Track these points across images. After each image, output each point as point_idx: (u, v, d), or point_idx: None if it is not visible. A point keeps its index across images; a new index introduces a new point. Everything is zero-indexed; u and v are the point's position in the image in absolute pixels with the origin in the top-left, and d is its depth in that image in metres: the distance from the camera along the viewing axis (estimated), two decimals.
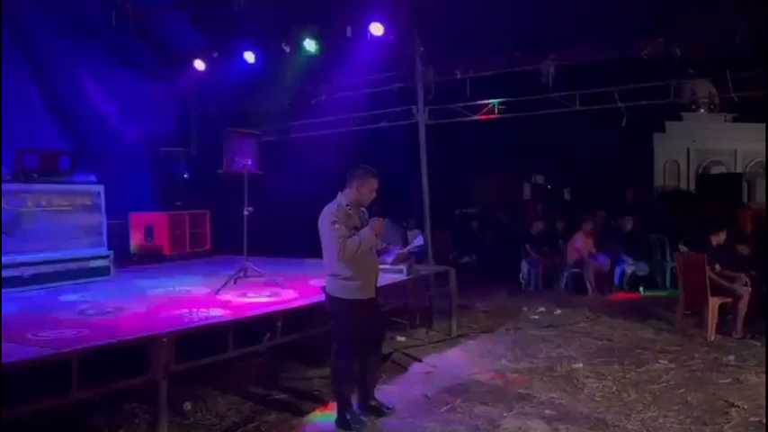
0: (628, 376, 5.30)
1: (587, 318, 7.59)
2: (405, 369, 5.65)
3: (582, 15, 7.46)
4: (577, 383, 5.13)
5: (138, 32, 8.96)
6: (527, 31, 8.19)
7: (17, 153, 6.50)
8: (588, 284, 9.14)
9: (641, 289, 9.06)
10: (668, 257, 9.25)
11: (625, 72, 8.33)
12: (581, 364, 5.63)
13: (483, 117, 9.30)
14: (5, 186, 6.13)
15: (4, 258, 5.94)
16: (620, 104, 8.42)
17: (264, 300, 5.35)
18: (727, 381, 5.12)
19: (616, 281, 9.26)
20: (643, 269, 9.18)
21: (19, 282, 5.99)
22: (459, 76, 9.16)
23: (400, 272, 6.42)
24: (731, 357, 5.76)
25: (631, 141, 10.69)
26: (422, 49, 8.94)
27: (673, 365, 5.59)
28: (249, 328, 4.72)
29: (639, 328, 7.01)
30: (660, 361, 5.71)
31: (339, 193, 4.30)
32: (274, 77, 9.57)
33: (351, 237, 4.12)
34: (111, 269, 6.80)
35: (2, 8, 6.41)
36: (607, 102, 8.50)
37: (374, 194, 4.35)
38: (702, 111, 16.96)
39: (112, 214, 7.16)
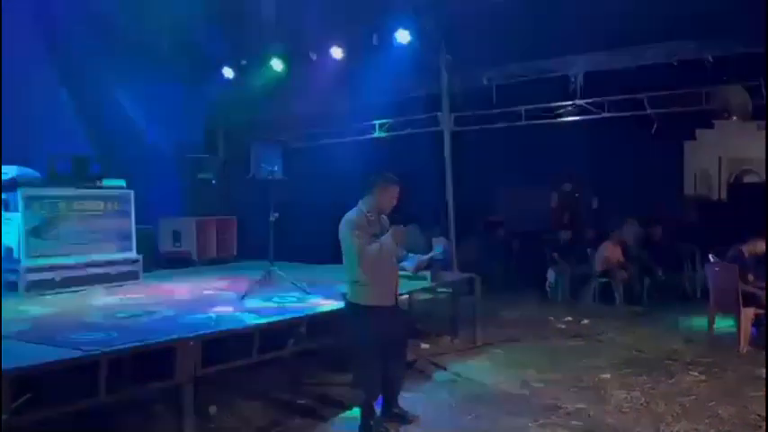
0: (657, 388, 5.20)
1: (615, 328, 7.46)
2: (429, 377, 5.63)
3: (611, 21, 7.37)
4: (605, 394, 5.04)
5: (168, 40, 9.15)
6: (555, 38, 8.12)
7: (49, 158, 6.63)
8: (616, 294, 8.99)
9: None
10: (699, 267, 9.05)
11: (655, 78, 8.20)
12: (609, 375, 5.54)
13: (509, 124, 9.23)
14: (39, 191, 6.28)
15: (36, 261, 6.09)
16: (649, 111, 8.28)
17: (289, 305, 5.38)
18: (760, 394, 4.96)
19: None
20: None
21: (50, 284, 6.12)
22: (485, 83, 9.12)
23: (424, 279, 6.41)
24: (764, 370, 5.60)
25: (661, 149, 10.48)
26: (448, 56, 8.92)
27: (703, 377, 5.46)
28: (274, 333, 4.74)
29: (669, 339, 6.86)
30: (690, 373, 5.59)
31: (360, 200, 4.32)
32: (301, 84, 9.65)
33: (371, 244, 4.13)
34: (140, 273, 6.90)
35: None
36: (636, 109, 8.37)
37: (395, 201, 4.36)
38: (735, 118, 16.58)
39: (141, 219, 7.27)
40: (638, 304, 8.84)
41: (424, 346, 6.58)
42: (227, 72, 9.84)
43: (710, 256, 8.04)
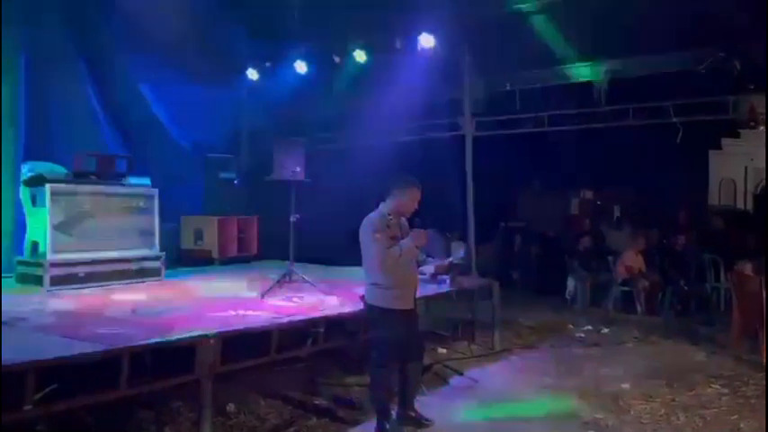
0: (677, 399, 5.12)
1: (636, 338, 7.37)
2: (445, 382, 5.61)
3: (637, 27, 7.32)
4: (624, 404, 4.98)
5: (194, 41, 9.27)
6: (579, 44, 8.08)
7: (76, 156, 6.75)
8: (637, 303, 8.88)
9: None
10: (723, 278, 8.91)
11: (681, 86, 8.11)
12: (628, 385, 5.46)
13: (531, 130, 9.19)
14: (65, 187, 6.41)
15: (62, 256, 6.21)
16: (675, 119, 8.19)
17: (308, 305, 5.41)
18: None
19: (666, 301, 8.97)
20: None
21: (75, 279, 6.24)
22: (508, 88, 9.10)
23: (443, 283, 6.41)
24: None
25: (686, 158, 10.35)
26: (471, 60, 8.91)
27: (726, 390, 5.36)
28: (292, 333, 4.78)
29: (691, 351, 6.76)
30: (712, 385, 5.49)
31: (381, 202, 4.33)
32: (324, 87, 9.71)
33: (391, 247, 4.13)
34: (163, 270, 6.99)
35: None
36: (661, 116, 8.28)
37: (416, 205, 4.36)
38: (761, 128, 16.29)
39: (164, 217, 7.37)
40: (660, 314, 8.73)
41: (441, 350, 6.55)
42: (252, 74, 9.95)
43: (735, 266, 7.91)
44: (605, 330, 7.77)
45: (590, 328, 7.90)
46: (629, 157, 10.89)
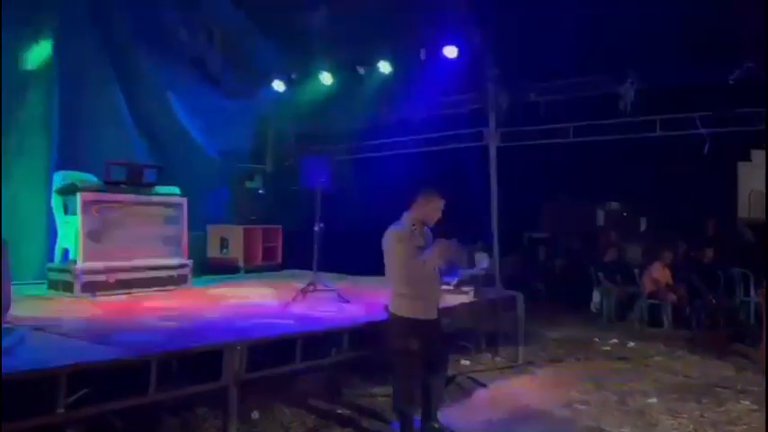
0: (705, 415, 5.02)
1: (663, 352, 7.26)
2: (469, 393, 5.58)
3: (664, 37, 7.25)
4: (651, 420, 4.91)
5: (222, 54, 9.45)
6: (605, 54, 8.03)
7: (106, 165, 6.89)
8: (665, 317, 8.74)
9: None
10: (753, 293, 8.74)
11: (709, 97, 8.00)
12: (655, 400, 5.38)
13: (556, 141, 9.14)
14: (96, 196, 6.55)
15: (92, 263, 6.34)
16: (702, 131, 8.08)
17: (332, 314, 5.45)
18: None
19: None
20: None
21: (105, 286, 6.37)
22: (533, 99, 9.07)
23: (467, 294, 6.39)
24: None
25: (714, 170, 10.19)
26: (496, 71, 8.91)
27: (755, 407, 5.25)
28: (317, 342, 4.81)
29: (719, 366, 6.63)
30: (741, 401, 5.38)
31: (404, 212, 4.36)
32: (349, 98, 9.79)
33: (415, 257, 4.15)
34: (190, 278, 7.10)
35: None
36: (689, 128, 8.17)
37: (439, 215, 4.38)
38: None
39: (191, 225, 7.47)
40: (688, 328, 8.57)
41: (465, 362, 6.53)
42: (278, 85, 10.08)
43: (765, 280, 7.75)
44: (632, 344, 7.67)
45: (616, 341, 7.81)
46: (655, 168, 10.76)
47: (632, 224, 12.49)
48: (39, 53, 7.46)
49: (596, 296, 9.58)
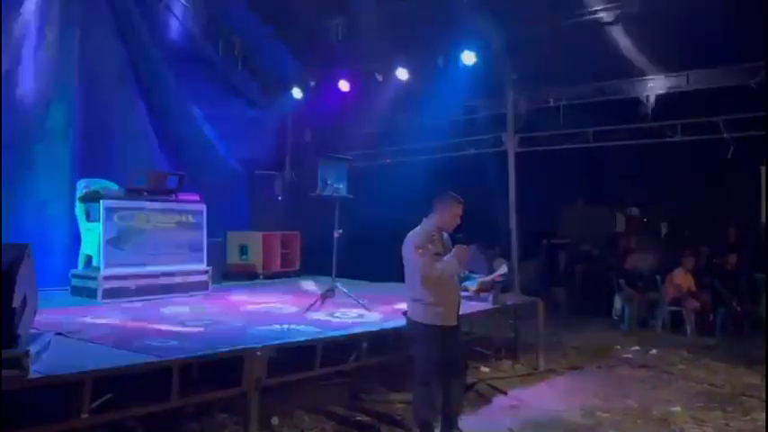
0: (731, 424, 4.94)
1: (686, 359, 7.15)
2: (488, 401, 5.55)
3: (685, 41, 7.18)
4: (674, 428, 4.84)
5: (241, 62, 9.56)
6: (625, 58, 7.97)
7: (129, 172, 7.00)
8: (688, 324, 8.61)
9: None
10: None
11: (732, 101, 7.89)
12: (679, 408, 5.30)
13: (576, 146, 9.07)
14: (117, 203, 6.64)
15: (114, 270, 6.42)
16: (725, 135, 7.96)
17: (351, 321, 5.45)
18: None
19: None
20: None
21: (126, 292, 6.45)
22: (551, 104, 9.02)
23: (486, 301, 6.36)
24: None
25: (736, 174, 10.04)
26: (514, 76, 8.89)
27: None
28: (336, 348, 4.82)
29: (744, 373, 6.51)
30: None
31: (424, 218, 4.36)
32: (367, 105, 9.83)
33: (435, 263, 4.14)
34: (210, 284, 7.16)
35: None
36: (711, 132, 8.06)
37: (458, 221, 4.37)
38: None
39: (211, 232, 7.55)
40: (711, 335, 8.44)
41: (484, 369, 6.48)
42: (297, 92, 10.16)
43: None
44: (654, 351, 7.56)
45: (638, 348, 7.70)
46: (677, 173, 10.63)
47: (653, 230, 12.35)
48: (61, 62, 7.58)
49: (617, 303, 9.47)
